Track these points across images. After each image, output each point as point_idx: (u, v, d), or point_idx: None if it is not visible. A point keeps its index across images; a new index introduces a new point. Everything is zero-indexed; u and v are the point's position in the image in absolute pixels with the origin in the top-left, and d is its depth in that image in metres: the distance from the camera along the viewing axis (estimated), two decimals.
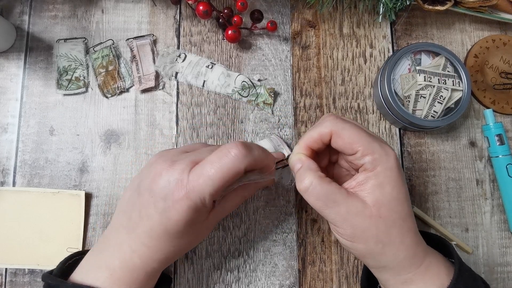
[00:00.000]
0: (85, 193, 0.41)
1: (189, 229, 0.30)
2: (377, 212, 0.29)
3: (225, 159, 0.28)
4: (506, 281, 0.42)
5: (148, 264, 0.31)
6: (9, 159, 0.42)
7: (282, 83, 0.45)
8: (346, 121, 0.31)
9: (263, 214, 0.42)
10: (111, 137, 0.43)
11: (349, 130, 0.30)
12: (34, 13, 0.45)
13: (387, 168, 0.29)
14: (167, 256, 0.31)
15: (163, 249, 0.30)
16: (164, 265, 0.32)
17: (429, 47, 0.43)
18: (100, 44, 0.44)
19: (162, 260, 0.31)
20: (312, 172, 0.30)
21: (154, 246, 0.30)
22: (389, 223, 0.29)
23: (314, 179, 0.30)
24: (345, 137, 0.30)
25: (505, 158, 0.43)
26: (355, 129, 0.30)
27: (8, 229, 0.40)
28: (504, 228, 0.43)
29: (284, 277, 0.41)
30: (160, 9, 0.46)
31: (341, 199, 0.29)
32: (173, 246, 0.31)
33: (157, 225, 0.29)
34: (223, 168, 0.28)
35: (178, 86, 0.44)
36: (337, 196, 0.29)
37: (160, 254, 0.31)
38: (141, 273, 0.31)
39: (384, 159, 0.29)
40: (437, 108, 0.41)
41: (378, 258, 0.30)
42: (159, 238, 0.30)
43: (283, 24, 0.46)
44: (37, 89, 0.43)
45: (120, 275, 0.30)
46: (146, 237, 0.30)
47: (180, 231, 0.30)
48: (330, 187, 0.29)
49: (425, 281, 0.29)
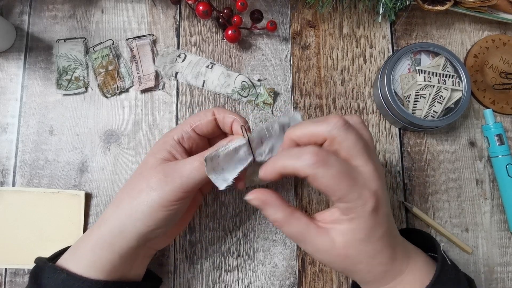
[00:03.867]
0: (85, 193, 0.41)
1: (151, 157, 0.33)
2: (345, 252, 0.29)
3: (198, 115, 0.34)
4: (506, 281, 0.42)
5: (122, 223, 0.31)
6: (9, 159, 0.42)
7: (282, 83, 0.45)
8: (329, 164, 0.27)
9: (263, 214, 0.42)
10: (111, 137, 0.43)
11: (327, 178, 0.27)
12: (34, 13, 0.45)
13: (361, 216, 0.28)
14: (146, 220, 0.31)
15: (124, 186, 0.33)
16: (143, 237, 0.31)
17: (429, 47, 0.43)
18: (100, 44, 0.44)
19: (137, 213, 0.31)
20: (278, 211, 0.29)
21: (128, 193, 0.32)
22: (356, 260, 0.29)
23: (281, 219, 0.29)
24: (321, 184, 0.27)
25: (504, 158, 0.43)
26: (335, 177, 0.27)
27: (8, 229, 0.40)
28: (504, 228, 0.43)
29: (284, 277, 0.41)
30: (160, 9, 0.46)
31: (309, 238, 0.29)
32: (129, 180, 0.33)
33: (137, 169, 0.34)
34: (196, 113, 0.34)
35: (178, 86, 0.44)
36: (305, 235, 0.29)
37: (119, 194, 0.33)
38: (116, 237, 0.31)
39: (360, 208, 0.27)
40: (437, 108, 0.41)
41: (349, 275, 0.33)
42: (134, 178, 0.33)
43: (283, 24, 0.46)
44: (37, 89, 0.43)
45: (96, 254, 0.31)
46: (124, 198, 0.32)
47: (145, 160, 0.33)
48: (298, 226, 0.29)
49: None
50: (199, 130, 0.34)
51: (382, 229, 0.29)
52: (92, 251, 0.31)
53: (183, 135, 0.33)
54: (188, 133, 0.33)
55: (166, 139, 0.33)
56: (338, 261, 0.29)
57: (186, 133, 0.33)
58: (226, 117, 0.33)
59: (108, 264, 0.31)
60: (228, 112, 0.33)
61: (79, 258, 0.31)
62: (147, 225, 0.31)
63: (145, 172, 0.32)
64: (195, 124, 0.33)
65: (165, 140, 0.33)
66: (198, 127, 0.33)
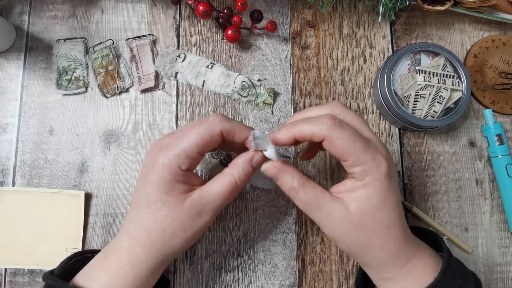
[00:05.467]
0: (84, 193, 0.41)
1: (169, 197, 0.29)
2: (359, 221, 0.29)
3: (203, 122, 0.30)
4: (505, 281, 0.42)
5: (160, 260, 0.31)
6: (9, 159, 0.42)
7: (282, 83, 0.45)
8: (344, 126, 0.28)
9: (263, 214, 0.42)
10: (111, 137, 0.43)
11: (343, 139, 0.28)
12: (34, 13, 0.45)
13: (376, 179, 0.28)
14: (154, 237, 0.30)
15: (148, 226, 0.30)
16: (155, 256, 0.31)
17: (429, 47, 0.43)
18: (100, 44, 0.44)
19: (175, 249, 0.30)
20: (295, 178, 0.30)
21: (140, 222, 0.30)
22: (371, 231, 0.29)
23: (297, 185, 0.30)
24: (338, 146, 0.28)
25: (504, 158, 0.43)
26: (350, 137, 0.28)
27: (7, 229, 0.40)
28: (504, 228, 0.43)
29: (283, 277, 0.41)
30: (160, 9, 0.46)
31: (324, 204, 0.29)
32: (155, 223, 0.30)
33: (141, 194, 0.30)
34: (200, 128, 0.30)
35: (178, 86, 0.44)
36: (320, 201, 0.29)
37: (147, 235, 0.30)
38: (150, 280, 0.31)
39: (375, 170, 0.28)
40: (436, 108, 0.41)
41: (358, 257, 0.31)
42: (159, 221, 0.30)
43: (282, 24, 0.46)
44: (37, 89, 0.43)
45: (119, 272, 0.30)
46: (156, 240, 0.30)
47: (158, 197, 0.29)
48: (313, 193, 0.30)
49: (407, 281, 0.30)
50: (206, 152, 0.31)
51: (395, 198, 0.29)
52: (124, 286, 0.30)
53: (191, 163, 0.30)
54: (196, 160, 0.30)
55: (173, 171, 0.29)
56: (352, 231, 0.29)
57: (195, 160, 0.30)
58: (239, 136, 0.31)
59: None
60: (234, 125, 0.31)
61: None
62: (179, 254, 0.31)
63: (172, 215, 0.30)
64: (202, 148, 0.30)
65: (173, 172, 0.30)
66: (206, 150, 0.31)
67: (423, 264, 0.30)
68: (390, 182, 0.29)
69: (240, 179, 0.31)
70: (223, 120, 0.31)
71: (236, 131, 0.31)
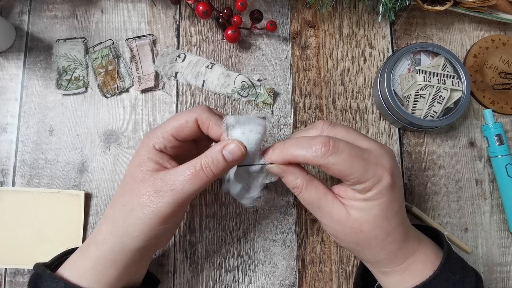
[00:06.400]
0: (84, 193, 0.41)
1: (138, 171, 0.31)
2: (359, 226, 0.29)
3: (187, 110, 0.32)
4: (505, 281, 0.42)
5: (121, 241, 0.30)
6: (9, 159, 0.42)
7: (282, 83, 0.45)
8: (339, 150, 0.27)
9: (262, 214, 0.42)
10: (111, 137, 0.43)
11: (340, 165, 0.27)
12: (34, 13, 0.45)
13: (378, 192, 0.28)
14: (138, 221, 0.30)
15: (115, 200, 0.31)
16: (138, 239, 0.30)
17: (429, 47, 0.43)
18: (100, 44, 0.44)
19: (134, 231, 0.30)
20: (298, 177, 0.30)
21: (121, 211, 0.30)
22: (371, 236, 0.29)
23: (300, 184, 0.30)
24: (335, 171, 0.28)
25: (504, 158, 0.43)
26: (347, 160, 0.27)
27: (7, 229, 0.40)
28: (504, 228, 0.43)
29: (283, 277, 0.41)
30: (159, 9, 0.46)
31: (325, 205, 0.30)
32: (121, 195, 0.31)
33: (124, 183, 0.32)
34: (180, 114, 0.31)
35: (178, 86, 0.44)
36: (321, 202, 0.30)
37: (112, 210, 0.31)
38: (117, 254, 0.30)
39: (377, 185, 0.28)
40: (436, 108, 0.41)
41: (357, 255, 0.32)
42: (124, 194, 0.31)
43: (282, 24, 0.46)
44: (37, 89, 0.43)
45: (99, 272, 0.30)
46: (117, 216, 0.30)
47: (131, 171, 0.31)
48: (316, 192, 0.30)
49: (405, 275, 0.30)
50: (182, 138, 0.31)
51: (398, 203, 0.29)
52: (94, 269, 0.30)
53: (165, 144, 0.31)
54: (171, 142, 0.31)
55: (148, 148, 0.31)
56: (352, 234, 0.29)
57: (169, 142, 0.31)
58: (212, 129, 0.31)
59: (113, 278, 0.31)
60: (212, 118, 0.31)
61: (82, 275, 0.30)
62: (146, 240, 0.30)
63: (135, 188, 0.30)
64: (176, 131, 0.31)
65: (148, 150, 0.31)
66: (180, 135, 0.31)
67: (423, 259, 0.30)
68: (393, 191, 0.29)
69: (205, 166, 0.29)
70: (204, 110, 0.31)
71: (211, 123, 0.30)
